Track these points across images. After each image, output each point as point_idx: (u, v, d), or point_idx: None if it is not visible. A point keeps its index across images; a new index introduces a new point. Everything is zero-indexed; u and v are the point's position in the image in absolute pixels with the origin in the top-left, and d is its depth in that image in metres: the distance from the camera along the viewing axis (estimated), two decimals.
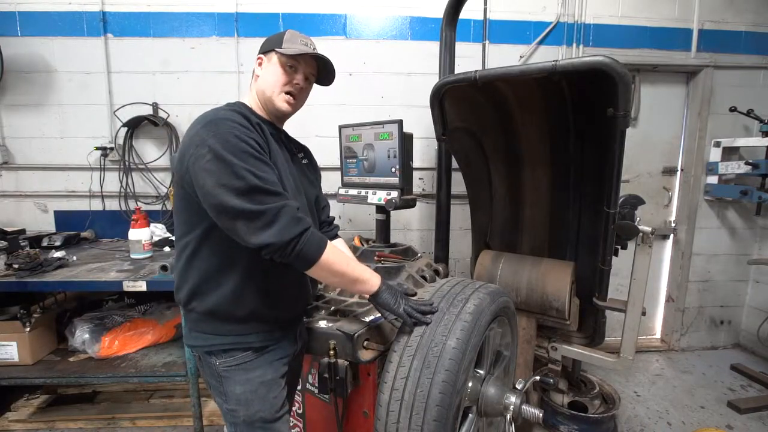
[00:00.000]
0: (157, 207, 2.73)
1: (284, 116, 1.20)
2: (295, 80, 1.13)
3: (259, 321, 1.11)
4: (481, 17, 2.70)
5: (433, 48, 2.60)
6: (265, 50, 1.15)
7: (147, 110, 2.65)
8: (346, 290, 1.61)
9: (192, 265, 1.08)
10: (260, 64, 1.16)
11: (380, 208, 2.05)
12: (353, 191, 2.16)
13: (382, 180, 2.04)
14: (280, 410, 1.15)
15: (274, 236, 0.92)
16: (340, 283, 1.17)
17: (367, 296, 1.14)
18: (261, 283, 1.08)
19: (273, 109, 1.16)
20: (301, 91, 1.17)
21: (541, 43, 2.79)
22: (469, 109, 1.97)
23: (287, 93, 1.14)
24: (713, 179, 2.96)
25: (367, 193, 2.07)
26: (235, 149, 0.93)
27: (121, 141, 2.67)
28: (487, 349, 1.28)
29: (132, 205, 2.70)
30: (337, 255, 1.05)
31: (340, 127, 2.18)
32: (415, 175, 2.73)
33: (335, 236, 1.46)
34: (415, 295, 1.23)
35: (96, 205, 2.73)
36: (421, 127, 2.65)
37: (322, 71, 1.20)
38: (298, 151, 1.30)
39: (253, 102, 1.17)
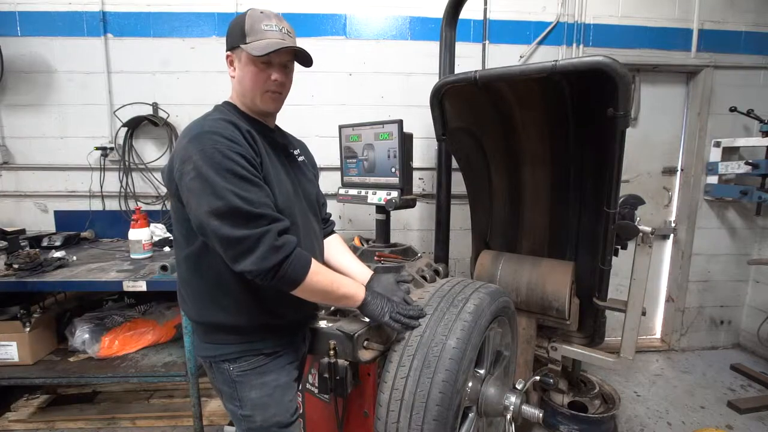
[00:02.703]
0: (157, 207, 2.73)
1: (273, 113, 1.16)
2: (272, 76, 1.04)
3: (266, 329, 1.10)
4: (481, 17, 2.70)
5: (433, 48, 2.60)
6: (231, 46, 1.06)
7: (147, 110, 2.65)
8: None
9: (191, 283, 1.07)
10: (231, 63, 1.08)
11: (380, 208, 2.05)
12: (353, 191, 2.16)
13: (382, 180, 2.04)
14: (294, 414, 1.15)
15: (253, 264, 0.90)
16: (325, 302, 1.15)
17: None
18: (261, 296, 1.06)
19: (260, 111, 1.11)
20: (282, 85, 1.08)
21: (541, 43, 2.78)
22: (469, 109, 1.97)
23: (269, 92, 1.06)
24: (713, 179, 2.96)
25: (367, 193, 2.07)
26: (218, 167, 0.90)
27: (121, 141, 2.67)
28: (487, 349, 1.28)
29: (132, 205, 2.70)
30: (321, 275, 1.03)
31: (340, 127, 2.18)
32: (415, 175, 2.73)
33: (331, 233, 1.45)
34: (410, 282, 1.23)
35: (96, 205, 2.73)
36: (421, 127, 2.65)
37: (298, 55, 1.10)
38: (293, 149, 1.25)
39: (238, 102, 1.11)
